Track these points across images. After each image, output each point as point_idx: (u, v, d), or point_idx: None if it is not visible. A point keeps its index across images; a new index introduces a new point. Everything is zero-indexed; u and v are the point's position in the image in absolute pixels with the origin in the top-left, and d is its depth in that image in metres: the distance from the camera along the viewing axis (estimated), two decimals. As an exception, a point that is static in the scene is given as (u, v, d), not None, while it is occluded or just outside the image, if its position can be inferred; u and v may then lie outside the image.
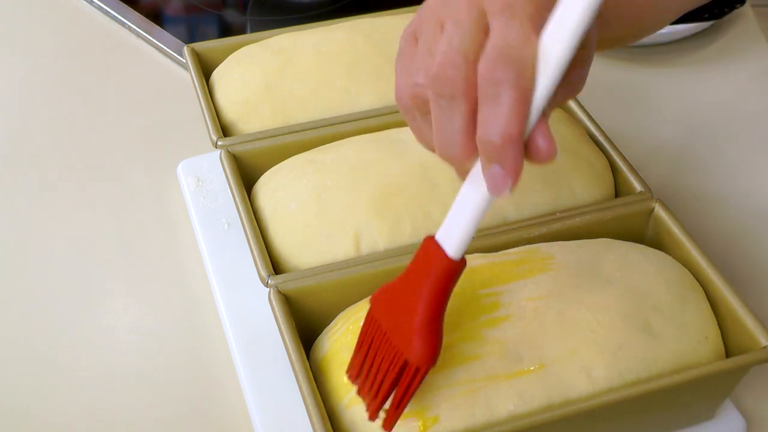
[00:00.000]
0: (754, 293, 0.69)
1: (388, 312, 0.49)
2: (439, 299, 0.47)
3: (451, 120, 0.45)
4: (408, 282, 0.48)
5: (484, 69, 0.43)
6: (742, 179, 0.81)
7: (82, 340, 0.68)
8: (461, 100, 0.45)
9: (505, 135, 0.43)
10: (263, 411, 0.61)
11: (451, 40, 0.45)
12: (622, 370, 0.55)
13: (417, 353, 0.47)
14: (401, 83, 0.49)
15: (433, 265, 0.47)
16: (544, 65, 0.43)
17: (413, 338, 0.47)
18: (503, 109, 0.43)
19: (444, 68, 0.45)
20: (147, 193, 0.80)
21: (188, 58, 0.79)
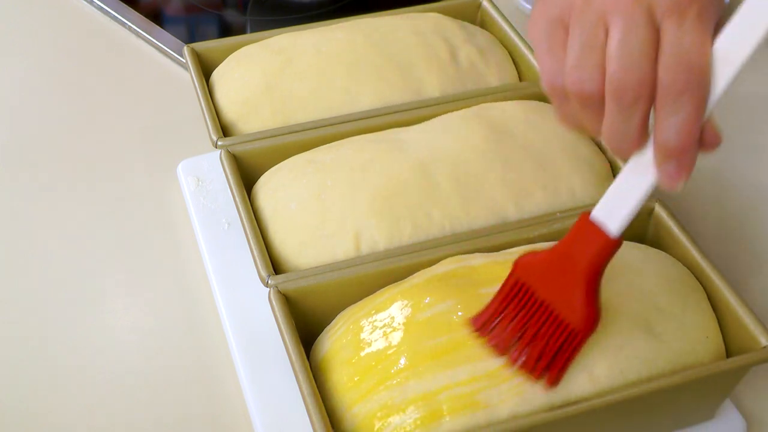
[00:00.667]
0: (754, 293, 0.69)
1: (543, 281, 0.52)
2: (600, 272, 0.51)
3: (629, 119, 0.47)
4: (565, 256, 0.52)
5: (666, 78, 0.45)
6: (742, 178, 0.81)
7: (82, 340, 0.68)
8: (642, 102, 0.46)
9: (685, 140, 0.46)
10: (263, 411, 0.61)
11: (628, 42, 0.45)
12: (623, 369, 0.55)
13: (585, 321, 0.51)
14: (556, 69, 0.49)
15: (595, 242, 0.51)
16: (721, 69, 0.45)
17: (579, 307, 0.51)
18: (683, 117, 0.45)
19: (628, 73, 0.45)
20: (147, 193, 0.80)
21: (188, 58, 0.79)
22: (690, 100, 0.45)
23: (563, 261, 0.52)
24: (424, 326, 0.56)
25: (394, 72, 0.76)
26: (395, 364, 0.55)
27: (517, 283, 0.53)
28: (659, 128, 0.46)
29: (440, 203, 0.65)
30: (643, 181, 0.49)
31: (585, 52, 0.47)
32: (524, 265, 0.54)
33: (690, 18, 0.45)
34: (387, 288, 0.60)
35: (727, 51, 0.45)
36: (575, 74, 0.47)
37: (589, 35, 0.47)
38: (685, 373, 0.55)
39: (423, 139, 0.69)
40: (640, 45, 0.45)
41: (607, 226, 0.50)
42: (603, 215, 0.51)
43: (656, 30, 0.46)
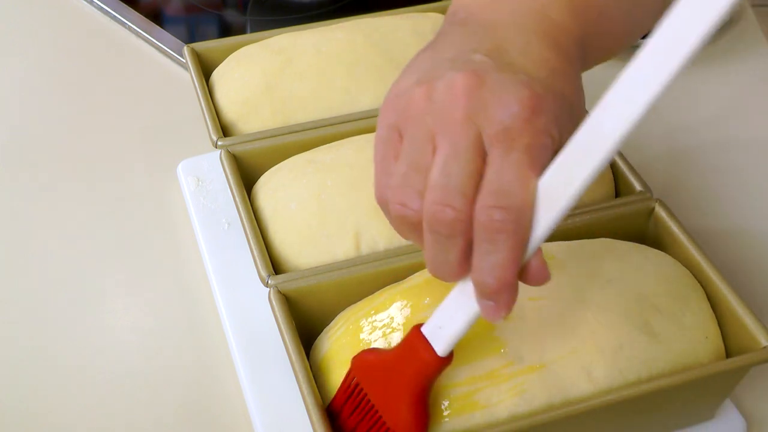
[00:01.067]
0: (754, 293, 0.69)
1: (375, 384, 0.52)
2: (425, 386, 0.50)
3: (447, 252, 0.45)
4: (395, 363, 0.51)
5: (482, 216, 0.43)
6: (742, 179, 0.81)
7: (82, 340, 0.69)
8: (458, 237, 0.44)
9: (501, 280, 0.43)
10: (263, 411, 0.61)
11: (448, 172, 0.43)
12: (623, 369, 0.55)
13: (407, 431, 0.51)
14: (383, 185, 0.47)
15: (421, 358, 0.49)
16: (545, 210, 0.43)
17: (404, 418, 0.50)
18: (498, 259, 0.43)
19: (443, 209, 0.43)
20: (147, 193, 0.80)
21: (188, 58, 0.79)
22: (506, 242, 0.43)
23: (394, 369, 0.50)
24: (424, 326, 0.56)
25: (394, 72, 0.76)
26: (395, 364, 0.55)
27: (353, 381, 0.53)
28: (474, 267, 0.44)
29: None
30: (469, 308, 0.47)
31: (409, 173, 0.45)
32: (360, 363, 0.53)
33: (517, 150, 0.43)
34: (387, 288, 0.60)
35: (553, 189, 0.43)
36: (397, 196, 0.46)
37: (416, 154, 0.45)
38: (685, 373, 0.55)
39: (423, 139, 0.69)
40: (459, 177, 0.43)
41: (434, 344, 0.49)
42: (431, 333, 0.49)
43: (482, 158, 0.43)
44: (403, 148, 0.46)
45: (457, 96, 0.44)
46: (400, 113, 0.47)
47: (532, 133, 0.43)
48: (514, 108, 0.43)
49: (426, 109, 0.45)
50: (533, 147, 0.43)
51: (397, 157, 0.46)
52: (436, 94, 0.45)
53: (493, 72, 0.45)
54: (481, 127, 0.44)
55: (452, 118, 0.44)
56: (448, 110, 0.44)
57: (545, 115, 0.44)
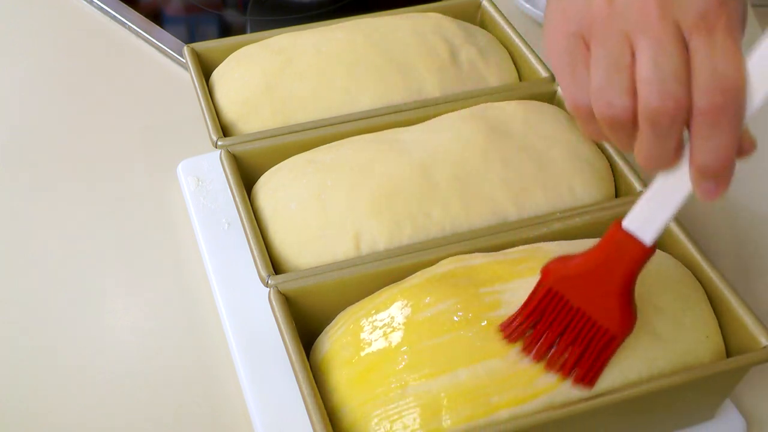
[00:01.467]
0: (755, 293, 0.69)
1: (576, 289, 0.53)
2: (634, 279, 0.52)
3: (665, 143, 0.46)
4: (598, 264, 0.52)
5: (702, 102, 0.44)
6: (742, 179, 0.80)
7: (82, 340, 0.69)
8: (677, 125, 0.45)
9: (724, 160, 0.45)
10: (263, 411, 0.61)
11: (659, 65, 0.44)
12: (623, 369, 0.55)
13: (622, 325, 0.52)
14: (580, 93, 0.47)
15: (630, 251, 0.51)
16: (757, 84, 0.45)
17: (617, 313, 0.52)
18: (721, 140, 0.44)
19: (663, 100, 0.44)
20: (147, 193, 0.80)
21: (188, 58, 0.79)
22: (727, 124, 0.44)
23: (597, 269, 0.52)
24: (424, 326, 0.56)
25: (394, 72, 0.76)
26: (395, 364, 0.55)
27: (549, 291, 0.54)
28: (696, 152, 0.45)
29: (440, 203, 0.65)
30: (678, 192, 0.49)
31: (611, 73, 0.45)
32: (554, 272, 0.54)
33: (719, 32, 0.44)
34: (387, 288, 0.60)
35: (760, 68, 0.45)
36: (603, 97, 0.46)
37: (614, 55, 0.45)
38: (685, 373, 0.55)
39: (423, 139, 0.69)
40: (672, 68, 0.44)
41: (641, 235, 0.51)
42: (636, 224, 0.51)
43: (685, 47, 0.44)
44: (595, 53, 0.46)
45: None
46: (581, 21, 0.47)
47: (727, 14, 0.44)
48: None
49: (612, 12, 0.46)
50: (732, 27, 0.44)
51: (589, 63, 0.47)
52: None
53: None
54: (677, 18, 0.44)
55: (647, 16, 0.45)
56: (639, 9, 0.45)
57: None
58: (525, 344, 0.54)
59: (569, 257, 0.54)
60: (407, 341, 0.55)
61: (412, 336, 0.55)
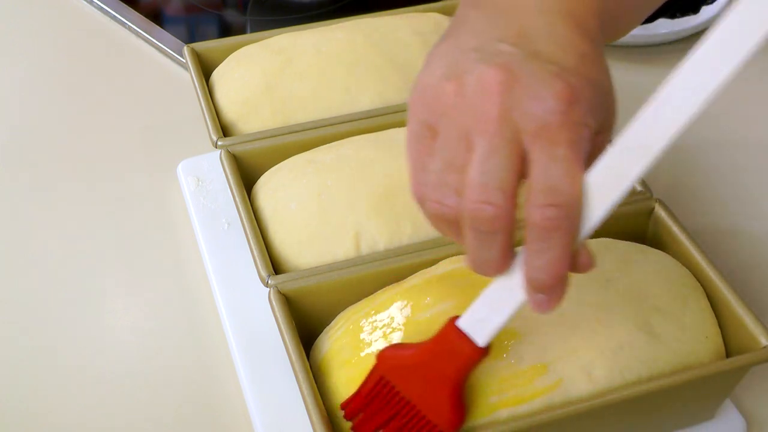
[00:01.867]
0: (754, 293, 0.69)
1: (407, 380, 0.52)
2: (464, 377, 0.51)
3: (488, 248, 0.45)
4: (430, 359, 0.51)
5: (534, 215, 0.43)
6: (742, 179, 0.81)
7: (82, 340, 0.69)
8: (501, 234, 0.44)
9: (555, 276, 0.44)
10: (263, 411, 0.61)
11: (487, 170, 0.43)
12: (623, 369, 0.55)
13: (449, 422, 0.51)
14: (420, 183, 0.47)
15: (461, 351, 0.50)
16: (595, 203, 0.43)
17: (444, 410, 0.51)
18: (554, 253, 0.43)
19: (483, 206, 0.43)
20: (147, 193, 0.80)
21: (188, 58, 0.79)
22: (559, 240, 0.43)
23: (428, 363, 0.51)
24: (424, 326, 0.56)
25: (394, 72, 0.76)
26: (395, 364, 0.55)
27: (381, 378, 0.52)
28: (528, 265, 0.45)
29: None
30: (512, 299, 0.47)
31: (445, 172, 0.45)
32: (387, 360, 0.53)
33: (559, 145, 0.42)
34: (387, 288, 0.60)
35: (601, 181, 0.43)
36: (435, 194, 0.46)
37: (451, 152, 0.45)
38: (685, 373, 0.55)
39: (423, 139, 0.69)
40: (498, 174, 0.43)
41: (474, 336, 0.49)
42: (470, 325, 0.49)
43: (520, 155, 0.43)
44: (437, 145, 0.46)
45: (490, 93, 0.43)
46: (431, 109, 0.46)
47: (571, 127, 0.43)
48: (549, 103, 0.43)
49: (458, 105, 0.45)
50: (574, 141, 0.43)
51: (432, 154, 0.46)
52: (467, 90, 0.44)
53: (523, 64, 0.44)
54: (518, 124, 0.43)
55: (487, 116, 0.43)
56: (481, 108, 0.44)
57: (581, 105, 0.43)
58: (354, 425, 0.53)
59: (405, 346, 0.53)
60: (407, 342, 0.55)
61: (411, 336, 0.55)
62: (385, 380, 0.52)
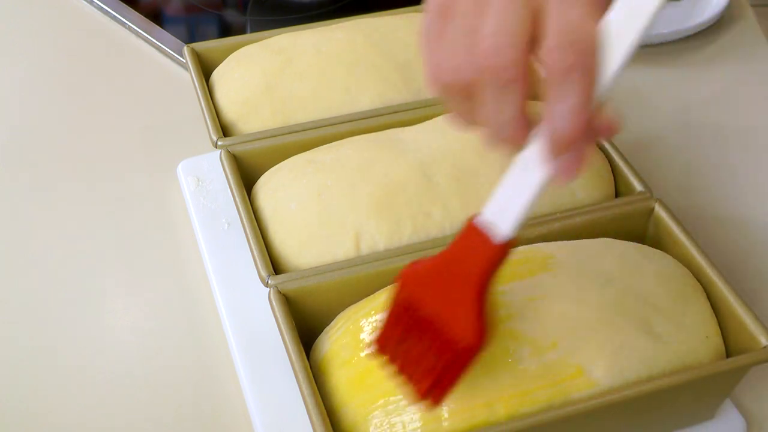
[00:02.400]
0: (754, 293, 0.69)
1: (429, 293, 0.48)
2: (487, 282, 0.47)
3: (506, 105, 0.44)
4: (451, 265, 0.48)
5: (551, 58, 0.42)
6: (742, 179, 0.81)
7: (82, 340, 0.68)
8: (518, 86, 0.43)
9: (576, 126, 0.42)
10: (263, 411, 0.61)
11: (502, 21, 0.42)
12: (623, 369, 0.55)
13: (474, 334, 0.47)
14: (435, 62, 0.46)
15: (483, 250, 0.47)
16: (611, 48, 0.42)
17: (467, 320, 0.47)
18: (574, 99, 0.42)
19: (498, 53, 0.42)
20: (147, 193, 0.80)
21: (188, 58, 0.79)
22: (578, 81, 0.41)
23: (449, 271, 0.47)
24: (424, 326, 0.56)
25: (394, 72, 0.76)
26: (395, 364, 0.54)
27: (404, 297, 0.49)
28: (548, 116, 0.43)
29: (440, 203, 0.65)
30: (533, 178, 0.45)
31: (460, 38, 0.44)
32: (409, 276, 0.49)
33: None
34: (387, 288, 0.60)
35: (617, 27, 0.42)
36: (450, 62, 0.45)
37: (465, 19, 0.44)
38: (685, 373, 0.55)
39: (423, 139, 0.69)
40: (514, 23, 0.42)
41: (497, 229, 0.46)
42: (491, 218, 0.46)
43: (535, 9, 0.42)
44: (451, 19, 0.45)
45: None
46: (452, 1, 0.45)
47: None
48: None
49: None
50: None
51: (446, 31, 0.45)
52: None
53: None
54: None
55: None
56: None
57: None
58: (390, 357, 0.50)
59: (424, 259, 0.49)
60: (407, 341, 0.55)
61: (412, 336, 0.55)
62: (407, 298, 0.49)
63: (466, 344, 0.47)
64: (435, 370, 0.48)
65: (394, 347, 0.50)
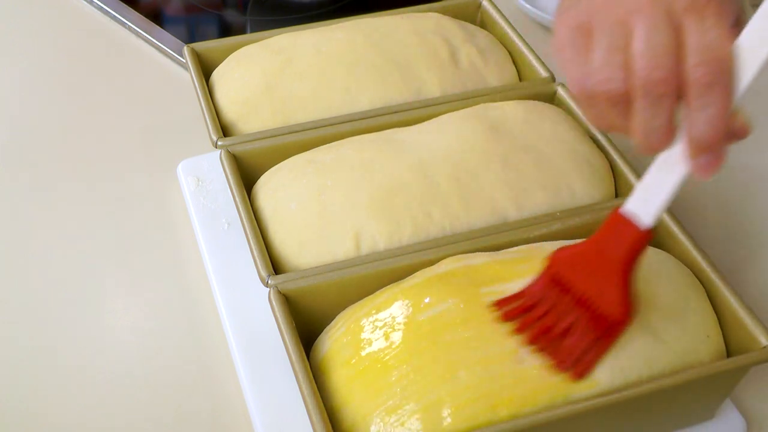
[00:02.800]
0: (755, 293, 0.69)
1: (578, 275, 0.54)
2: (633, 264, 0.53)
3: (658, 114, 0.48)
4: (599, 250, 0.54)
5: (694, 74, 0.47)
6: (742, 179, 0.81)
7: (82, 340, 0.68)
8: (669, 97, 0.48)
9: (717, 132, 0.47)
10: (263, 411, 0.61)
11: (652, 40, 0.47)
12: (623, 369, 0.55)
13: (623, 311, 0.53)
14: (583, 73, 0.50)
15: (628, 235, 0.52)
16: (744, 62, 0.47)
17: (616, 300, 0.53)
18: (713, 110, 0.47)
19: (654, 70, 0.47)
20: (147, 193, 0.80)
21: (188, 58, 0.79)
22: (718, 94, 0.47)
23: (597, 255, 0.53)
24: (425, 326, 0.56)
25: (394, 72, 0.76)
26: (395, 364, 0.55)
27: (554, 276, 0.55)
28: (691, 123, 0.48)
29: (440, 203, 0.65)
30: (675, 173, 0.50)
31: (610, 53, 0.49)
32: (561, 259, 0.55)
33: (709, 14, 0.47)
34: (387, 288, 0.60)
35: (750, 44, 0.47)
36: (602, 74, 0.49)
37: (612, 37, 0.49)
38: (686, 373, 0.55)
39: (423, 139, 0.69)
40: (663, 42, 0.47)
41: (641, 218, 0.52)
42: (635, 208, 0.52)
43: (677, 29, 0.47)
44: (596, 38, 0.50)
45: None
46: (583, 12, 0.51)
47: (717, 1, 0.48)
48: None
49: (610, 3, 0.50)
50: (721, 11, 0.48)
51: (591, 47, 0.50)
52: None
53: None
54: (669, 4, 0.48)
55: (640, 2, 0.49)
56: None
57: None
58: (519, 325, 0.55)
59: (575, 244, 0.55)
60: (407, 341, 0.55)
61: (412, 336, 0.55)
62: (557, 277, 0.54)
63: (617, 318, 0.53)
64: (582, 343, 0.54)
65: (530, 321, 0.55)
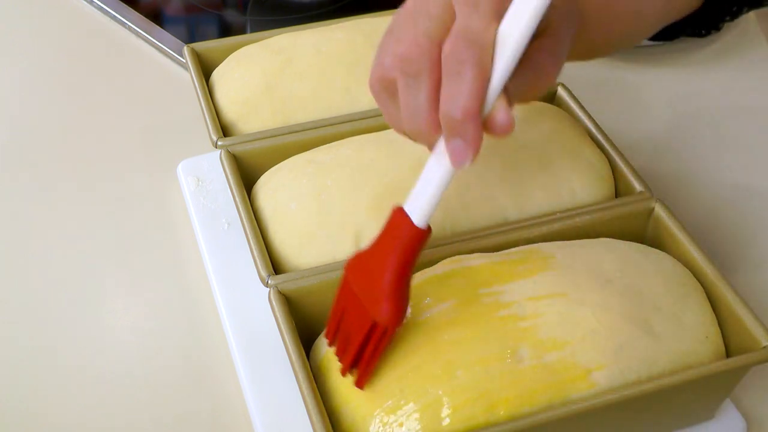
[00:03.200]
0: (754, 293, 0.69)
1: (360, 277, 0.52)
2: (406, 264, 0.51)
3: (416, 95, 0.49)
4: (378, 249, 0.52)
5: (448, 48, 0.47)
6: (743, 179, 0.81)
7: (82, 340, 0.69)
8: (426, 76, 0.48)
9: (466, 109, 0.47)
10: (263, 411, 0.61)
11: (418, 27, 0.49)
12: (623, 369, 0.55)
13: (385, 314, 0.51)
14: (371, 70, 0.53)
15: (400, 233, 0.51)
16: (502, 48, 0.47)
17: (381, 301, 0.51)
18: (464, 86, 0.47)
19: (410, 48, 0.49)
20: (147, 193, 0.80)
21: (188, 58, 0.79)
22: (470, 70, 0.46)
23: (377, 255, 0.51)
24: (424, 326, 0.56)
25: (394, 72, 0.76)
26: (395, 364, 0.55)
27: (346, 284, 0.53)
28: (442, 100, 0.48)
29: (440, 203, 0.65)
30: (441, 168, 0.49)
31: (389, 45, 0.51)
32: (350, 265, 0.53)
33: (482, 7, 0.47)
34: (387, 288, 0.60)
35: (509, 29, 0.47)
36: (376, 61, 0.51)
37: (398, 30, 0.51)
38: (685, 373, 0.55)
39: (423, 139, 0.69)
40: (426, 28, 0.49)
41: (413, 217, 0.51)
42: (410, 206, 0.51)
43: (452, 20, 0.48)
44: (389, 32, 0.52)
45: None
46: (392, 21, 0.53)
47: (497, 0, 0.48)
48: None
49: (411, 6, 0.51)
50: (496, 7, 0.47)
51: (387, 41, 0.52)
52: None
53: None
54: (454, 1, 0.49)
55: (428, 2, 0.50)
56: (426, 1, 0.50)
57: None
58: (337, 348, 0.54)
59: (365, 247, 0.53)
60: (406, 341, 0.55)
61: (411, 336, 0.55)
62: (348, 285, 0.53)
63: (383, 323, 0.51)
64: (354, 350, 0.52)
65: (336, 330, 0.55)
